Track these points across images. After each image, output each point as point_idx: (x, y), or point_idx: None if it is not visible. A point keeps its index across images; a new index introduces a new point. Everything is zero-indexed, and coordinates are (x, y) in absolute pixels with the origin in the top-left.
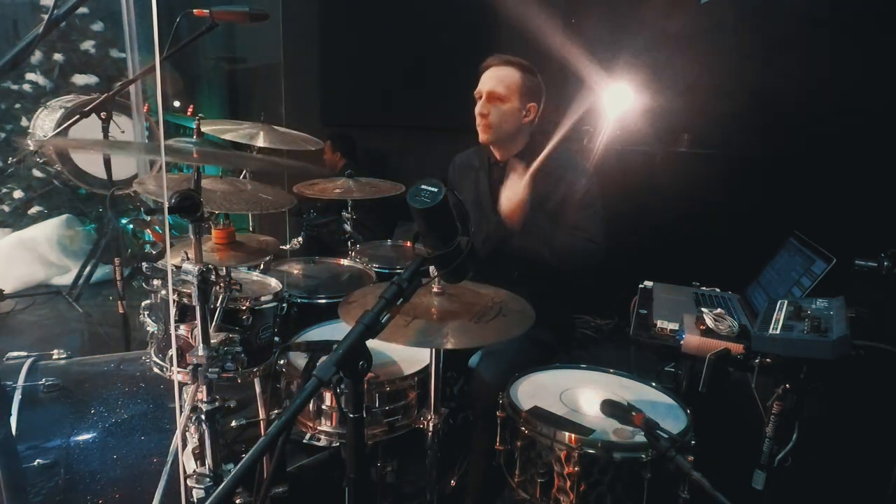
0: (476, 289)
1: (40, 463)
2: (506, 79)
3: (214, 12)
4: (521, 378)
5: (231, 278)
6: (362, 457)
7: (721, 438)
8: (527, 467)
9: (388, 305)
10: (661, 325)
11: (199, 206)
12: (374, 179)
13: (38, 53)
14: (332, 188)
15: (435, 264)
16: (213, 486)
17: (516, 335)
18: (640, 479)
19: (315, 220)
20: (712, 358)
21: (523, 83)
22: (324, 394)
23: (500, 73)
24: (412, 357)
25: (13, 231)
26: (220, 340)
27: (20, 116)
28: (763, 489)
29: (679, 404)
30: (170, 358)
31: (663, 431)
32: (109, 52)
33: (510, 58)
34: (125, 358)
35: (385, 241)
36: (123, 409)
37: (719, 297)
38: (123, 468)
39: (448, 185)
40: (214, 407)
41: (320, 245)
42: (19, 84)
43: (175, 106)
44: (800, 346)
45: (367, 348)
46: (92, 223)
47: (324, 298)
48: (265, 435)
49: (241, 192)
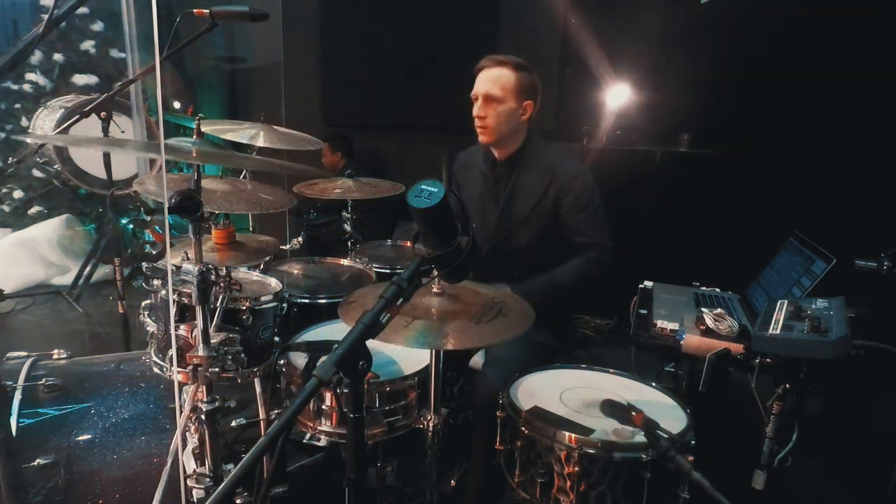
0: (476, 289)
1: (40, 463)
2: (500, 79)
3: (214, 12)
4: (521, 378)
5: (231, 278)
6: (362, 457)
7: (721, 438)
8: (527, 467)
9: (388, 305)
10: (661, 325)
11: (199, 206)
12: (374, 179)
13: (38, 53)
14: (332, 188)
15: (435, 264)
16: (213, 486)
17: (516, 335)
18: (640, 479)
19: (315, 220)
20: (712, 358)
21: (518, 82)
22: (324, 394)
23: (493, 75)
24: (412, 357)
25: (13, 231)
26: (220, 340)
27: (20, 116)
28: (763, 489)
29: (679, 404)
30: (170, 358)
31: (663, 431)
32: (109, 52)
33: (503, 58)
34: (125, 358)
35: (385, 241)
36: (123, 409)
37: (719, 297)
38: (123, 468)
39: (452, 183)
40: (214, 407)
41: (320, 245)
42: (19, 84)
43: (175, 106)
44: (800, 346)
45: (367, 348)
46: (92, 223)
47: (324, 298)
48: (265, 435)
49: (241, 192)
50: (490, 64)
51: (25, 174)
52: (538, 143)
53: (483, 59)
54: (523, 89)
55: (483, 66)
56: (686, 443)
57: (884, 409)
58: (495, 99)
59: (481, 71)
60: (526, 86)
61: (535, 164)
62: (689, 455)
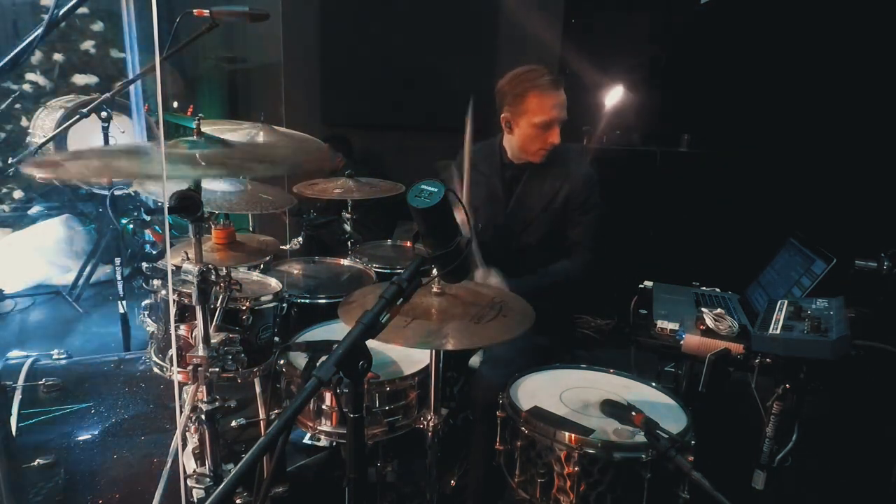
0: (476, 289)
1: (40, 463)
2: (565, 101)
3: (214, 12)
4: (521, 378)
5: (231, 278)
6: (362, 457)
7: (721, 438)
8: (527, 467)
9: (388, 305)
10: (661, 325)
11: (199, 206)
12: (374, 179)
13: (38, 53)
14: (332, 188)
15: (435, 264)
16: (213, 486)
17: (516, 335)
18: (640, 479)
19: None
20: (712, 358)
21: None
22: (324, 394)
23: (562, 97)
24: (412, 357)
25: (13, 231)
26: (220, 340)
27: (20, 116)
28: (763, 489)
29: (679, 404)
30: (170, 358)
31: (663, 431)
32: (109, 52)
33: (555, 76)
34: (125, 358)
35: (385, 241)
36: (123, 409)
37: (719, 297)
38: (123, 468)
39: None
40: (214, 407)
41: (320, 245)
42: (19, 84)
43: (175, 106)
44: (800, 346)
45: (367, 348)
46: (92, 223)
47: (324, 298)
48: (265, 435)
49: (241, 192)
50: (557, 86)
51: (25, 174)
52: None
53: (543, 79)
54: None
55: (548, 88)
56: (686, 443)
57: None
58: (565, 121)
59: (550, 94)
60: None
61: (549, 165)
62: (689, 455)
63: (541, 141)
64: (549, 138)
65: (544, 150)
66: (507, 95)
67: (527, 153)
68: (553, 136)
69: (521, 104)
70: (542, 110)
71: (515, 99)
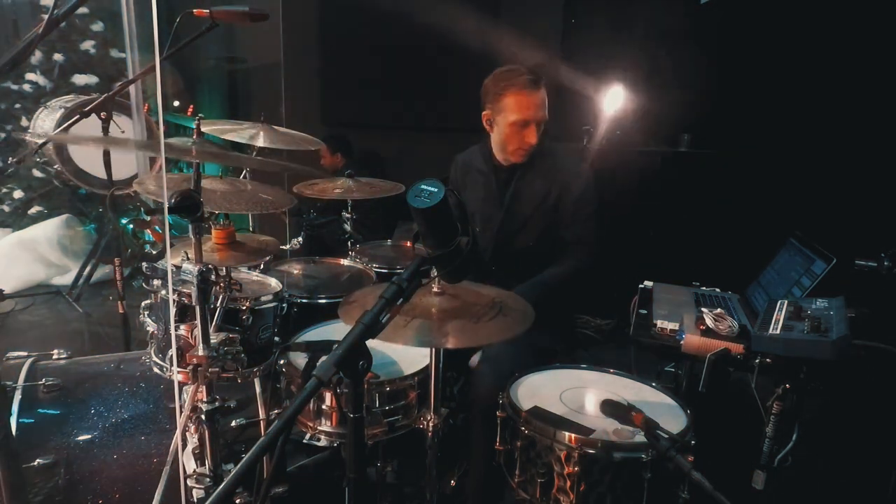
0: (476, 289)
1: (40, 463)
2: (545, 100)
3: (214, 12)
4: (521, 378)
5: (231, 278)
6: (362, 457)
7: (721, 438)
8: (527, 467)
9: (388, 305)
10: (661, 325)
11: (199, 206)
12: (374, 179)
13: (38, 53)
14: (332, 188)
15: (435, 264)
16: (213, 486)
17: (516, 335)
18: (640, 479)
19: (315, 220)
20: (712, 358)
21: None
22: (324, 394)
23: (542, 98)
24: (412, 357)
25: (13, 231)
26: (220, 340)
27: (20, 116)
28: (763, 489)
29: (679, 404)
30: (170, 358)
31: (663, 431)
32: (109, 52)
33: (534, 75)
34: (125, 358)
35: (385, 241)
36: (123, 409)
37: (719, 297)
38: (123, 468)
39: (450, 185)
40: (214, 407)
41: (320, 245)
42: (19, 84)
43: (175, 106)
44: (800, 346)
45: (367, 348)
46: (92, 223)
47: (324, 298)
48: (265, 435)
49: (241, 192)
50: (535, 86)
51: (25, 174)
52: (542, 144)
53: (518, 78)
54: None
55: (525, 88)
56: (686, 443)
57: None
58: (543, 121)
59: (526, 93)
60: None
61: (539, 165)
62: (689, 455)
63: (518, 140)
64: (526, 138)
65: (522, 150)
66: (489, 94)
67: (506, 152)
68: (530, 136)
69: (499, 102)
70: (518, 109)
71: (495, 97)
